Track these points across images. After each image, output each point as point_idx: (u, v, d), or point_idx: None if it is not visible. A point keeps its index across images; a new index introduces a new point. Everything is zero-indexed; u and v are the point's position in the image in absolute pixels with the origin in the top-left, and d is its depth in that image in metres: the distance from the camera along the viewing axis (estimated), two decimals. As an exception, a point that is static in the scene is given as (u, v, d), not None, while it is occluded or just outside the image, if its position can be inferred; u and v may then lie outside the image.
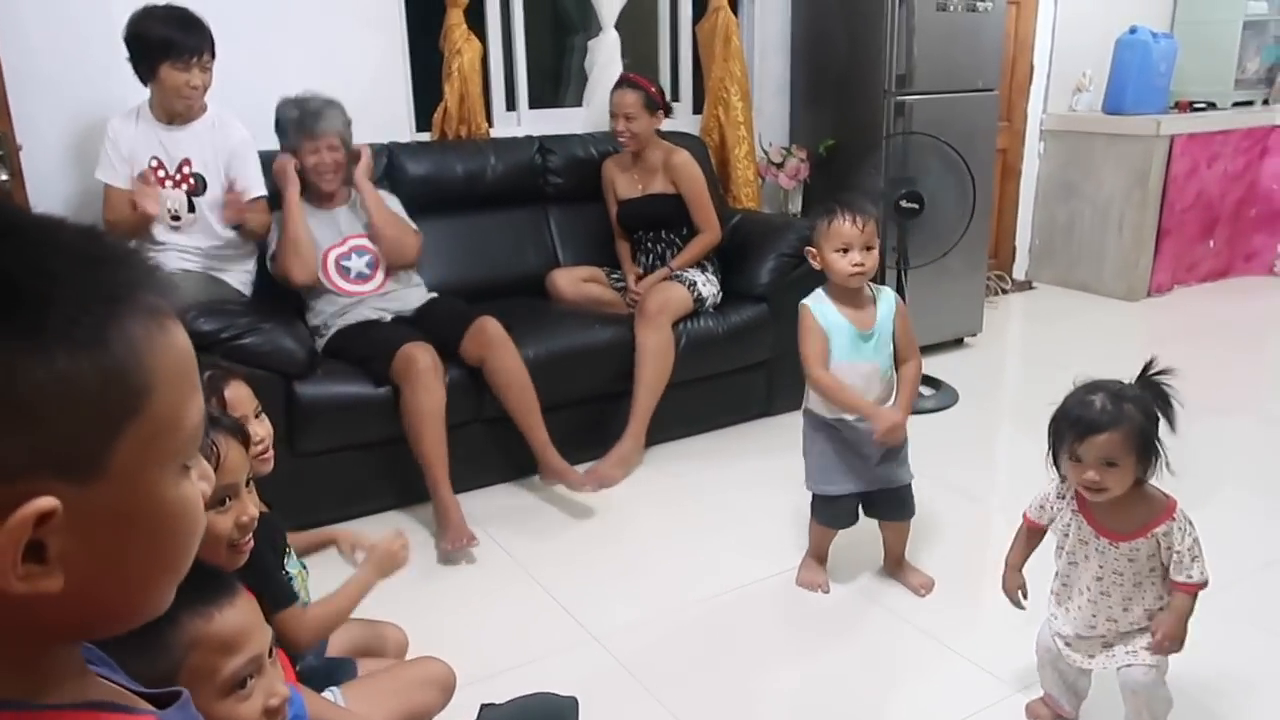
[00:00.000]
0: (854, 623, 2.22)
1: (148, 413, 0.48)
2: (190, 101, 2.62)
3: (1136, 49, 4.80)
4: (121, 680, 0.62)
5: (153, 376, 0.49)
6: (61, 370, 0.44)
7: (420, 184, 3.25)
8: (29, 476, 0.44)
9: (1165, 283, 5.03)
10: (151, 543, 0.51)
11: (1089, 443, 1.53)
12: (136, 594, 0.53)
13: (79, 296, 0.46)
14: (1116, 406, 1.53)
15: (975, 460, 3.14)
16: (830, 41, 3.98)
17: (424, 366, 2.52)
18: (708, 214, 3.27)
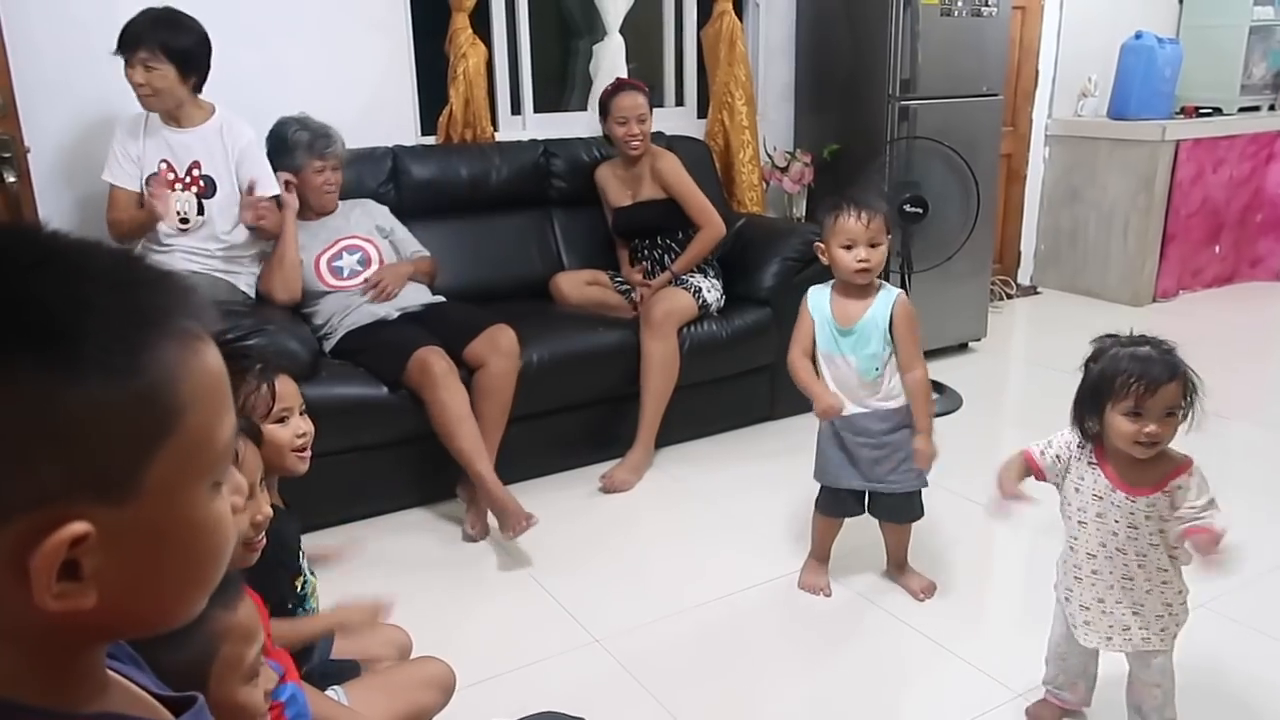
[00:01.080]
0: (856, 626, 2.22)
1: (180, 433, 0.49)
2: (148, 100, 2.59)
3: (1141, 54, 4.80)
4: (145, 681, 0.62)
5: (185, 398, 0.49)
6: (97, 397, 0.45)
7: (425, 187, 3.26)
8: (65, 500, 0.45)
9: (1171, 288, 5.02)
10: (184, 558, 0.52)
11: (1159, 395, 1.51)
12: (168, 606, 0.54)
13: (113, 324, 0.47)
14: (1170, 356, 1.54)
15: (979, 465, 3.10)
16: (834, 46, 3.99)
17: (441, 370, 2.54)
18: (703, 209, 3.25)
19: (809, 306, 2.19)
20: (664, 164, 3.26)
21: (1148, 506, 1.58)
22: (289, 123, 2.85)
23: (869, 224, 2.07)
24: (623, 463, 2.95)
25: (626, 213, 3.33)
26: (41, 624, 0.48)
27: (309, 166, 2.81)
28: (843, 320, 2.13)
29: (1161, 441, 1.54)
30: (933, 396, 3.51)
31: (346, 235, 2.90)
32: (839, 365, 2.16)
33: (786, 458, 2.94)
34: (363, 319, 2.77)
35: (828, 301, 2.16)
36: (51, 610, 0.47)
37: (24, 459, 0.44)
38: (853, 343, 2.13)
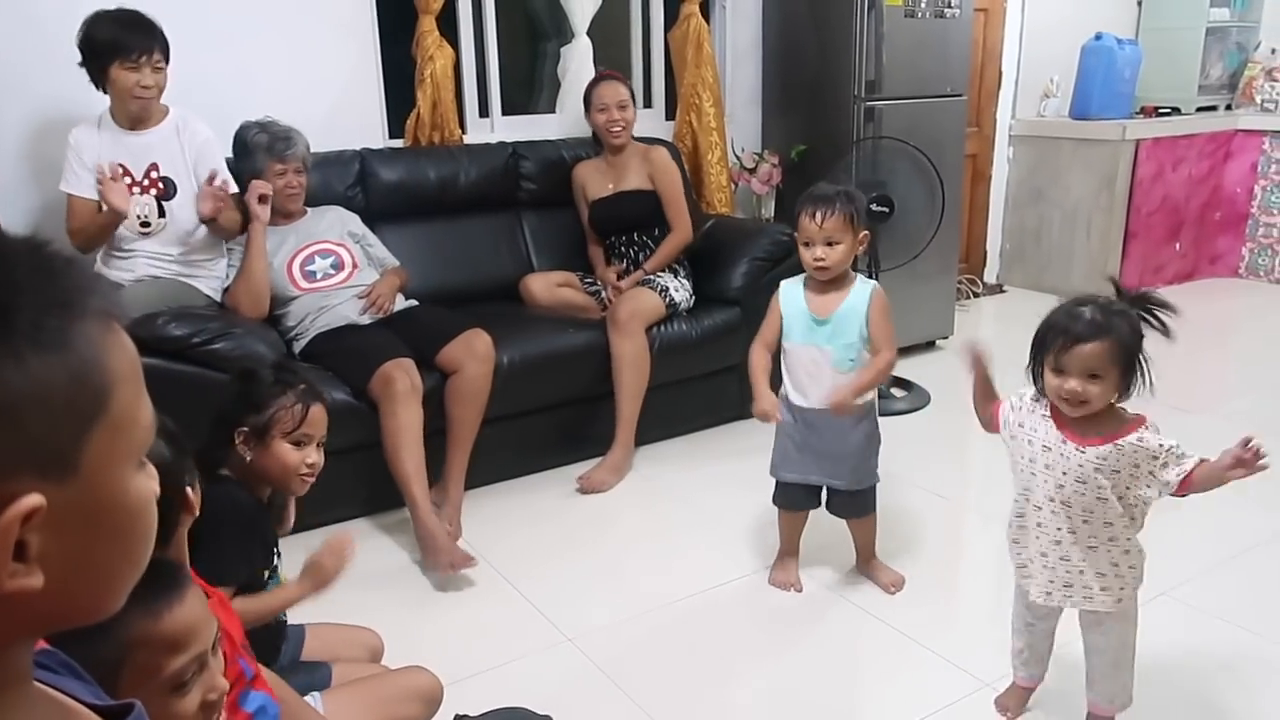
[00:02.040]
0: (827, 620, 2.24)
1: (111, 411, 0.50)
2: (144, 102, 2.59)
3: (1102, 55, 4.89)
4: (81, 691, 0.62)
5: (112, 376, 0.51)
6: (36, 374, 0.46)
7: (393, 190, 3.25)
8: (10, 477, 0.46)
9: (1133, 285, 5.03)
10: (118, 539, 0.53)
11: (1074, 353, 1.52)
12: (103, 590, 0.54)
13: (40, 304, 0.48)
14: (1105, 318, 1.52)
15: (947, 460, 3.17)
16: (800, 48, 4.02)
17: (402, 389, 2.51)
18: (680, 211, 3.29)
19: (780, 299, 2.21)
20: (658, 155, 3.31)
21: (1098, 459, 1.57)
22: (250, 126, 2.82)
23: (823, 223, 2.07)
24: (602, 463, 2.95)
25: (605, 204, 3.33)
26: None
27: (270, 170, 2.77)
28: (819, 311, 2.15)
29: (1088, 401, 1.53)
30: (898, 393, 3.57)
31: (318, 240, 2.88)
32: (813, 356, 2.16)
33: (757, 456, 2.94)
34: (335, 321, 2.76)
35: (801, 295, 2.18)
36: (5, 591, 0.47)
37: None
38: (829, 333, 2.14)
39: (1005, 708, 1.87)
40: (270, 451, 1.59)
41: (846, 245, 2.09)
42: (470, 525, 2.64)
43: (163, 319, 2.37)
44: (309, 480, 1.65)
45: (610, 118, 3.24)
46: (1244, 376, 3.98)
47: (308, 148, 2.87)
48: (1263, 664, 2.02)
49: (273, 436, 1.59)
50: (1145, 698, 1.79)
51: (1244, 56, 5.37)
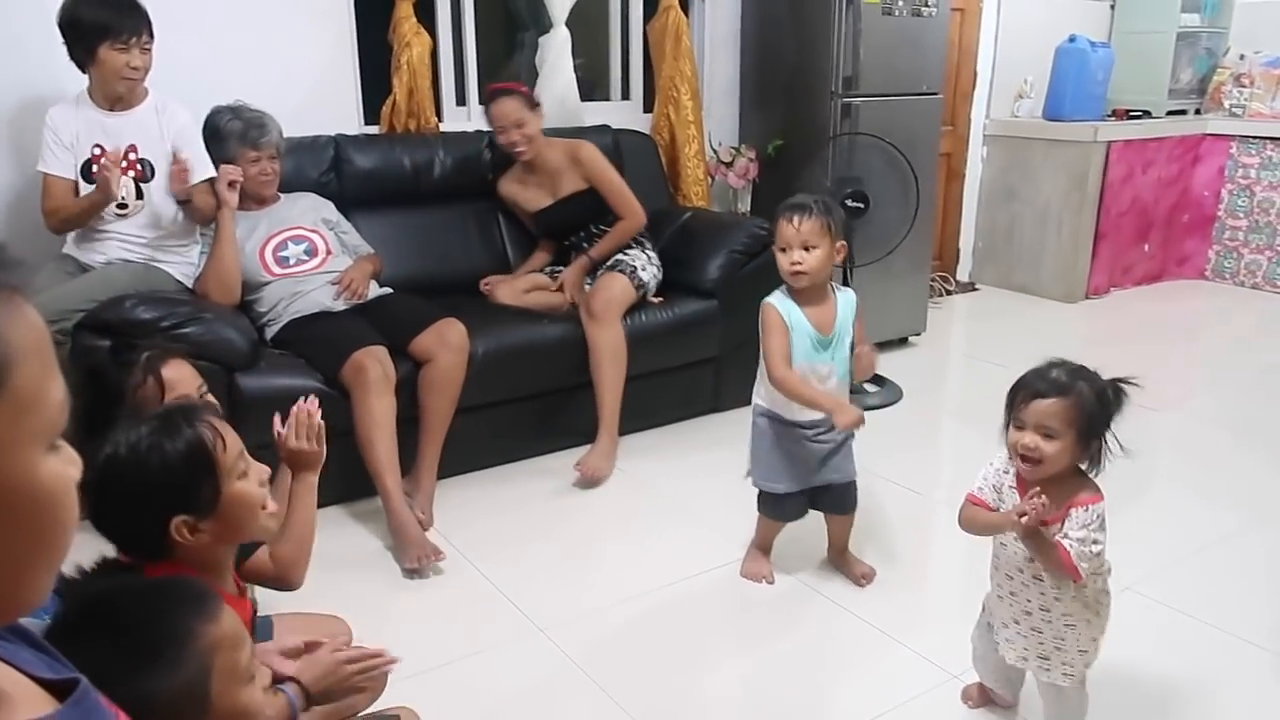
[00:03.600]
0: (798, 613, 2.26)
1: (11, 389, 0.48)
2: (132, 83, 2.57)
3: (1075, 57, 4.94)
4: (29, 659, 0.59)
5: (12, 351, 0.48)
6: None
7: (368, 177, 3.23)
8: None
9: (1102, 285, 5.17)
10: (28, 525, 0.50)
11: (1032, 407, 1.53)
12: (18, 582, 0.52)
13: None
14: (1070, 379, 1.54)
15: (919, 455, 3.20)
16: (779, 43, 4.03)
17: (374, 377, 2.50)
18: (625, 199, 3.21)
19: (784, 318, 2.10)
20: (584, 153, 3.21)
21: (1053, 535, 1.57)
22: (222, 112, 2.79)
23: (800, 227, 2.06)
24: (594, 450, 2.93)
25: (549, 213, 3.29)
26: None
27: (243, 156, 2.73)
28: (823, 329, 2.12)
29: (1041, 460, 1.53)
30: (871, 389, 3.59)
31: (292, 225, 2.85)
32: (822, 374, 2.13)
33: (732, 448, 2.95)
34: (308, 308, 2.73)
35: (798, 310, 2.12)
36: None
37: None
38: (833, 349, 2.14)
39: (970, 697, 1.89)
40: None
41: (823, 251, 2.06)
42: (442, 515, 2.63)
43: (130, 302, 2.34)
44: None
45: (509, 139, 3.15)
46: (1208, 376, 4.04)
47: (281, 134, 2.84)
48: (1223, 657, 2.06)
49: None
50: (1106, 692, 1.82)
51: (1213, 62, 5.45)
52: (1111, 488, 1.62)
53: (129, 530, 1.22)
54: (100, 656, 0.88)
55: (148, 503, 1.19)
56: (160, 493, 1.19)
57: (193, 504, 1.20)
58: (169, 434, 1.21)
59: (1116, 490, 1.66)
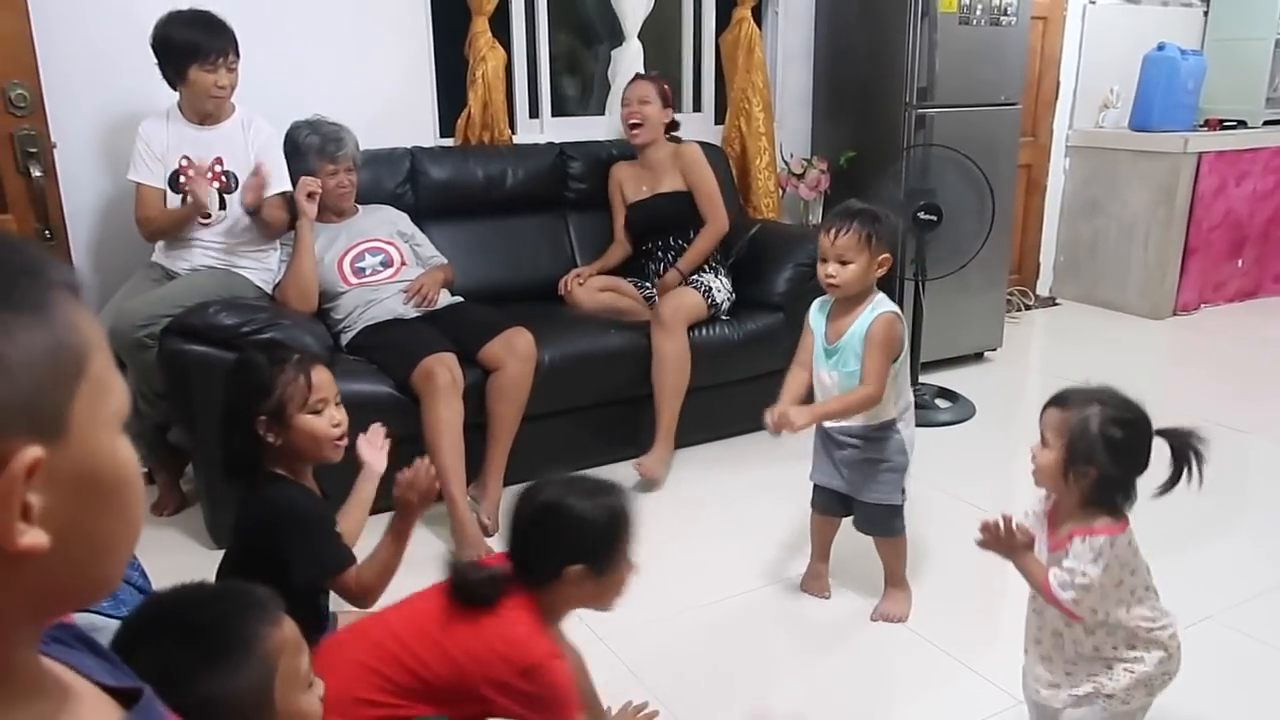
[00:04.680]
0: (859, 631, 2.22)
1: (90, 374, 0.51)
2: (219, 101, 2.68)
3: (1164, 66, 4.78)
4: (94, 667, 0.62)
5: (89, 341, 0.52)
6: (15, 332, 0.48)
7: (442, 188, 3.30)
8: (6, 436, 0.47)
9: (1191, 301, 4.98)
10: (112, 504, 0.54)
11: (1047, 412, 1.55)
12: (103, 558, 0.55)
13: (8, 271, 0.50)
14: (1084, 400, 1.51)
15: (990, 474, 3.12)
16: (852, 54, 3.99)
17: (443, 383, 2.54)
18: (715, 204, 3.26)
19: (810, 321, 2.21)
20: (687, 150, 3.31)
21: (1049, 559, 1.56)
22: (301, 127, 2.88)
23: (835, 240, 2.04)
24: (650, 454, 2.96)
25: (641, 207, 3.34)
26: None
27: (321, 170, 2.82)
28: (831, 337, 2.13)
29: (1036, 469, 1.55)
30: (943, 404, 3.51)
31: (369, 237, 2.93)
32: (826, 381, 2.16)
33: (796, 463, 2.92)
34: (381, 315, 2.80)
35: (823, 317, 2.17)
36: (19, 547, 0.47)
37: None
38: (836, 360, 2.12)
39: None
40: (295, 428, 1.60)
41: (859, 265, 2.04)
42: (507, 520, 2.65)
43: (214, 308, 2.42)
44: (342, 443, 1.66)
45: (630, 111, 3.25)
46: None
47: (357, 146, 2.92)
48: (1313, 693, 1.96)
49: (290, 414, 1.60)
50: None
51: (1314, 69, 5.21)
52: (1197, 514, 1.56)
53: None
54: (169, 658, 0.92)
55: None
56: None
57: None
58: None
59: (1202, 516, 1.60)
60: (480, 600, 1.42)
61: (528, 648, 1.40)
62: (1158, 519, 1.61)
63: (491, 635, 1.40)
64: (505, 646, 1.40)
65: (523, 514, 1.49)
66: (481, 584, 1.43)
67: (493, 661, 1.39)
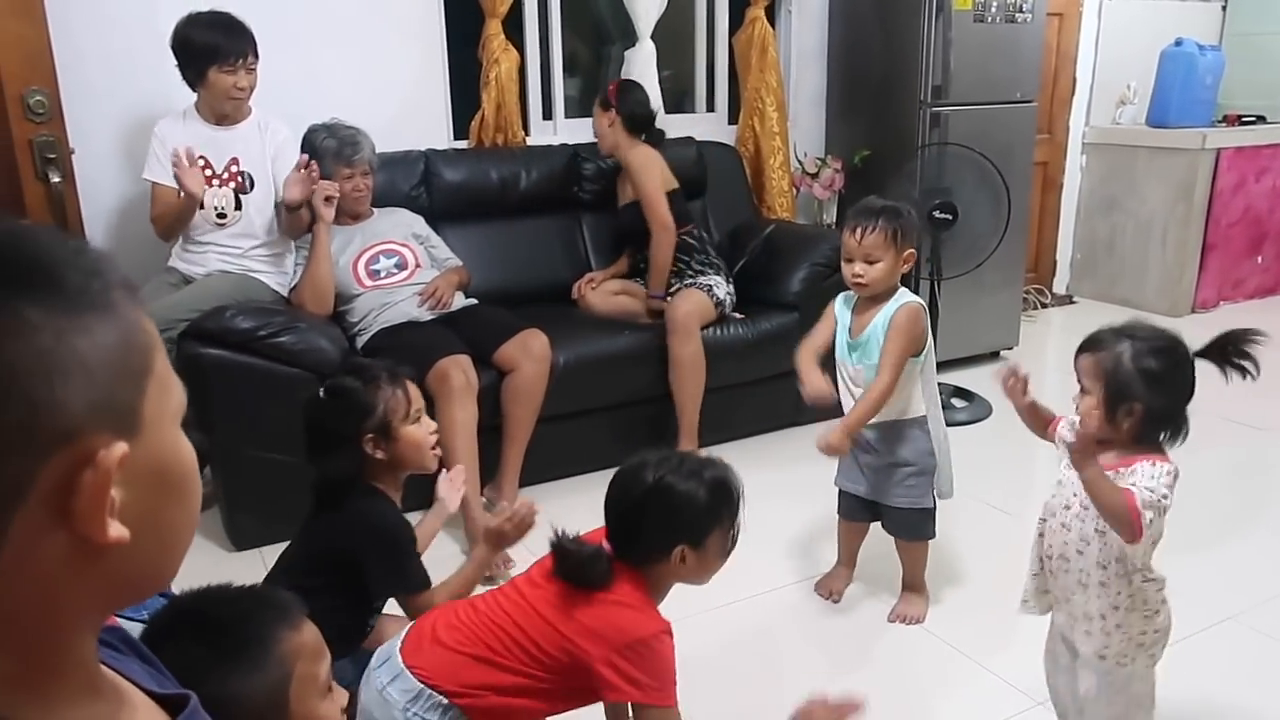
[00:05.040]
0: (878, 632, 2.21)
1: (156, 370, 0.53)
2: (238, 103, 2.71)
3: (1181, 61, 4.74)
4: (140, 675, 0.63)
5: (152, 339, 0.53)
6: (95, 333, 0.49)
7: (456, 190, 3.30)
8: (90, 432, 0.48)
9: (1211, 299, 4.93)
10: (178, 497, 0.55)
11: (1079, 359, 1.52)
12: (169, 552, 0.56)
13: (79, 271, 0.51)
14: (1114, 338, 1.48)
15: (1007, 474, 3.10)
16: (866, 52, 3.98)
17: (458, 385, 2.55)
18: (652, 210, 3.06)
19: (835, 309, 2.20)
20: (631, 157, 3.12)
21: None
22: (318, 130, 2.89)
23: (862, 240, 2.03)
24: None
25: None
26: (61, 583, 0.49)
27: (338, 174, 2.82)
28: (855, 330, 2.13)
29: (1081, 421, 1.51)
30: (959, 404, 3.49)
31: (384, 240, 2.93)
32: (850, 374, 2.15)
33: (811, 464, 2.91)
34: (396, 318, 2.81)
35: (848, 311, 2.16)
36: (109, 540, 0.48)
37: (54, 392, 0.47)
38: (859, 355, 2.12)
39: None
40: (400, 440, 1.68)
41: (886, 263, 2.04)
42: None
43: (230, 312, 2.44)
44: (437, 452, 1.75)
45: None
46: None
47: (374, 150, 2.92)
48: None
49: (395, 427, 1.67)
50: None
51: (1335, 63, 5.16)
52: (1218, 512, 1.54)
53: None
54: (189, 656, 0.93)
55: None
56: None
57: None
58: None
59: (1223, 515, 1.58)
60: (594, 580, 1.42)
61: (641, 624, 1.42)
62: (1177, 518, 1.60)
63: (606, 613, 1.41)
64: (620, 623, 1.41)
65: (626, 496, 1.48)
66: (594, 564, 1.43)
67: (607, 637, 1.40)
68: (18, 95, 2.52)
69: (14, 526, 0.46)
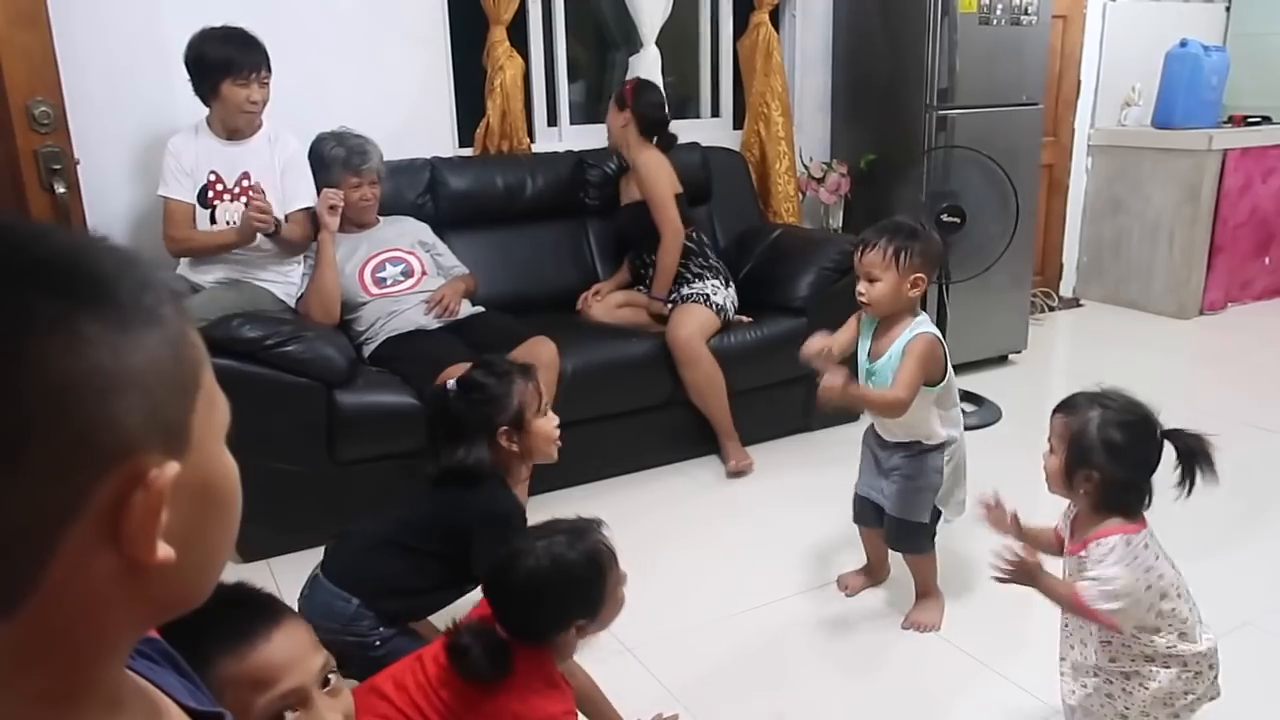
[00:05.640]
0: (892, 639, 2.19)
1: (204, 384, 0.52)
2: (252, 116, 2.71)
3: (1187, 62, 4.72)
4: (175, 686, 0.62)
5: (201, 353, 0.52)
6: (148, 348, 0.48)
7: (462, 198, 3.30)
8: (145, 448, 0.47)
9: (1218, 300, 4.92)
10: (222, 515, 0.54)
11: (1053, 418, 1.57)
12: (209, 569, 0.55)
13: (130, 283, 0.49)
14: (1087, 404, 1.52)
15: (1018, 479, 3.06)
16: (871, 56, 3.97)
17: None
18: (660, 212, 3.10)
19: (860, 322, 2.15)
20: (639, 158, 3.15)
21: (1070, 563, 1.57)
22: (326, 139, 2.89)
23: (862, 257, 2.03)
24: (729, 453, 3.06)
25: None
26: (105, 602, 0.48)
27: (345, 182, 2.83)
28: (873, 354, 2.11)
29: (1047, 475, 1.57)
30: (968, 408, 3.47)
31: (390, 247, 2.93)
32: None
33: (822, 469, 2.91)
34: (404, 326, 2.80)
35: (870, 330, 2.13)
36: (158, 561, 0.47)
37: (109, 408, 0.46)
38: (875, 379, 2.10)
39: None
40: (531, 432, 1.79)
41: (887, 283, 2.01)
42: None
43: (237, 321, 2.43)
44: (559, 444, 1.84)
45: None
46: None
47: (381, 159, 2.92)
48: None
49: (528, 419, 1.78)
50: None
51: (1341, 63, 5.14)
52: (1228, 517, 1.53)
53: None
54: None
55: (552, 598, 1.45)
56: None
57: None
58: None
59: (1234, 519, 1.57)
60: (497, 679, 1.40)
61: (542, 709, 1.41)
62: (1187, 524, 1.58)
63: (510, 705, 1.40)
64: (523, 712, 1.40)
65: (508, 586, 1.45)
66: (490, 665, 1.40)
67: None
68: (22, 106, 2.51)
69: (63, 545, 0.45)
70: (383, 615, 1.78)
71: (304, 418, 2.51)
